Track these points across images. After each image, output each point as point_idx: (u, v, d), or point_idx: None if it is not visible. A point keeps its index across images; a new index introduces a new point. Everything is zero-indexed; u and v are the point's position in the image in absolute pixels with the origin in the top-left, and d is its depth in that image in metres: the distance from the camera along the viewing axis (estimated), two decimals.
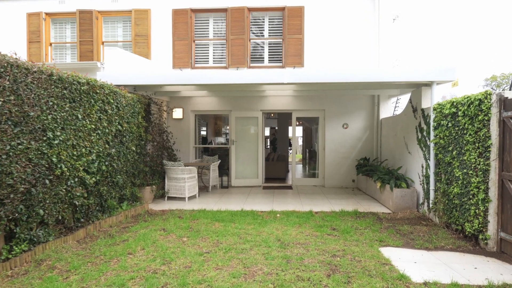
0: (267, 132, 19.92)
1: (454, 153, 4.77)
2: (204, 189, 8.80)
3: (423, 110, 6.10)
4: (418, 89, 6.42)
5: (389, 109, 8.84)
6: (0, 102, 3.20)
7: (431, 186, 5.61)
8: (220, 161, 9.18)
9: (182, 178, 7.32)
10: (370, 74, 5.73)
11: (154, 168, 7.66)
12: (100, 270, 3.48)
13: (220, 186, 9.27)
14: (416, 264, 3.74)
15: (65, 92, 3.97)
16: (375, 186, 7.34)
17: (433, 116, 5.53)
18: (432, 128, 5.53)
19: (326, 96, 9.21)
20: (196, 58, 9.54)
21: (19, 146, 3.41)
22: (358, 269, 3.49)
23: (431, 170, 5.59)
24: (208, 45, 9.50)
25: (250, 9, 9.25)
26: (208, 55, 9.51)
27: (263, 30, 9.41)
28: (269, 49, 9.37)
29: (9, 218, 3.44)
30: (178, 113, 9.44)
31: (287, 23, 9.09)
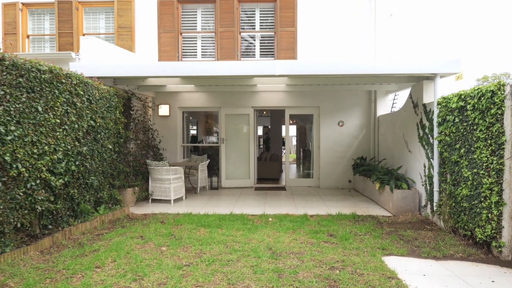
0: (260, 131, 19.45)
1: (462, 151, 4.34)
2: (192, 190, 8.27)
3: (425, 105, 5.68)
4: (419, 83, 6.00)
5: (386, 106, 8.43)
6: None
7: (435, 187, 5.19)
8: (209, 160, 8.66)
9: (167, 179, 6.79)
10: (368, 66, 5.29)
11: (137, 168, 7.11)
12: None
13: (209, 187, 8.74)
14: (425, 277, 3.28)
15: (20, 80, 3.42)
16: (374, 187, 6.90)
17: (437, 111, 5.11)
18: (436, 124, 5.10)
19: (321, 92, 8.76)
20: (183, 52, 9.00)
21: None
22: (361, 284, 3.02)
23: (435, 170, 5.17)
24: (196, 38, 8.97)
25: (240, 0, 8.75)
26: (196, 49, 8.98)
27: (254, 22, 8.91)
28: (260, 42, 8.89)
29: None
30: (164, 109, 8.89)
31: (279, 15, 8.61)
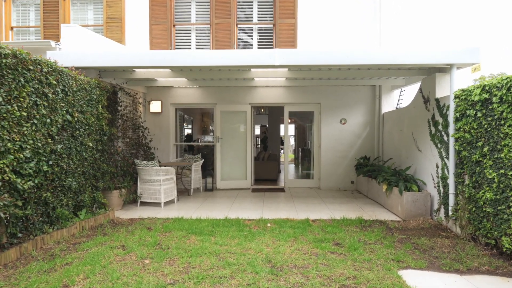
0: (257, 130, 18.94)
1: (486, 149, 3.85)
2: (185, 192, 7.74)
3: (438, 100, 5.20)
4: (430, 76, 5.52)
5: (392, 102, 7.94)
6: None
7: (451, 190, 4.70)
8: (203, 160, 8.13)
9: (157, 180, 6.26)
10: (378, 55, 4.78)
11: (125, 168, 6.57)
12: None
13: (203, 188, 8.22)
14: None
15: None
16: (380, 189, 6.41)
17: (453, 105, 4.62)
18: (452, 120, 4.61)
19: (322, 88, 8.27)
20: (176, 45, 8.47)
21: None
22: None
23: (451, 171, 4.68)
24: (190, 30, 8.44)
25: None
26: (190, 42, 8.45)
27: (252, 14, 8.40)
28: (258, 35, 8.37)
29: None
30: (156, 106, 8.35)
31: (279, 6, 8.10)
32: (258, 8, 8.34)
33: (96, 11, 8.66)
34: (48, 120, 3.83)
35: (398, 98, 8.06)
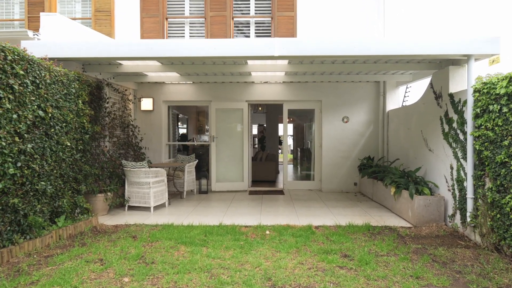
0: (255, 130, 18.47)
1: None
2: (177, 195, 7.25)
3: (452, 95, 4.75)
4: (441, 70, 5.08)
5: (397, 99, 7.50)
6: None
7: (469, 194, 4.25)
8: (197, 161, 7.65)
9: (146, 183, 5.77)
10: (390, 45, 4.30)
11: (112, 170, 6.07)
12: None
13: (197, 191, 7.73)
14: None
15: None
16: (386, 192, 5.96)
17: (471, 100, 4.17)
18: (471, 116, 4.16)
19: (323, 84, 7.81)
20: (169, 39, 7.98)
21: None
22: None
23: (469, 173, 4.23)
24: (183, 24, 7.96)
25: None
26: (183, 36, 7.97)
27: (249, 6, 7.93)
28: (255, 29, 7.90)
29: None
30: (147, 103, 7.85)
31: None
32: (256, 0, 7.87)
33: (84, 3, 8.16)
34: (14, 115, 3.33)
35: (404, 95, 7.62)
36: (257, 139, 17.96)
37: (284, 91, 7.93)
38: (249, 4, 7.88)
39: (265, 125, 14.94)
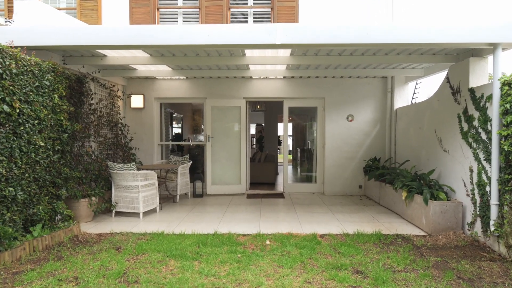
0: (253, 129, 17.98)
1: None
2: (170, 199, 6.75)
3: (473, 90, 4.29)
4: (460, 62, 4.62)
5: (406, 96, 7.03)
6: None
7: (493, 200, 3.79)
8: (191, 162, 7.15)
9: (135, 187, 5.28)
10: (407, 31, 3.80)
11: (97, 172, 5.57)
12: None
13: (192, 194, 7.24)
14: None
15: None
16: (396, 196, 5.50)
17: (498, 94, 3.72)
18: (497, 113, 3.71)
19: (327, 80, 7.34)
20: None
21: None
22: None
23: (493, 176, 3.78)
24: (176, 14, 7.45)
25: None
26: None
27: None
28: (254, 20, 7.41)
29: None
30: (137, 100, 7.34)
31: None
32: None
33: None
34: None
35: (414, 92, 7.16)
36: (255, 139, 17.47)
37: (284, 87, 7.45)
38: None
39: (263, 124, 14.46)
